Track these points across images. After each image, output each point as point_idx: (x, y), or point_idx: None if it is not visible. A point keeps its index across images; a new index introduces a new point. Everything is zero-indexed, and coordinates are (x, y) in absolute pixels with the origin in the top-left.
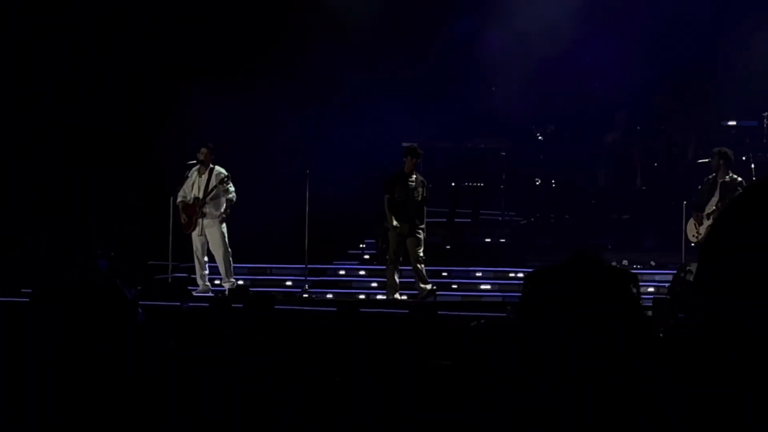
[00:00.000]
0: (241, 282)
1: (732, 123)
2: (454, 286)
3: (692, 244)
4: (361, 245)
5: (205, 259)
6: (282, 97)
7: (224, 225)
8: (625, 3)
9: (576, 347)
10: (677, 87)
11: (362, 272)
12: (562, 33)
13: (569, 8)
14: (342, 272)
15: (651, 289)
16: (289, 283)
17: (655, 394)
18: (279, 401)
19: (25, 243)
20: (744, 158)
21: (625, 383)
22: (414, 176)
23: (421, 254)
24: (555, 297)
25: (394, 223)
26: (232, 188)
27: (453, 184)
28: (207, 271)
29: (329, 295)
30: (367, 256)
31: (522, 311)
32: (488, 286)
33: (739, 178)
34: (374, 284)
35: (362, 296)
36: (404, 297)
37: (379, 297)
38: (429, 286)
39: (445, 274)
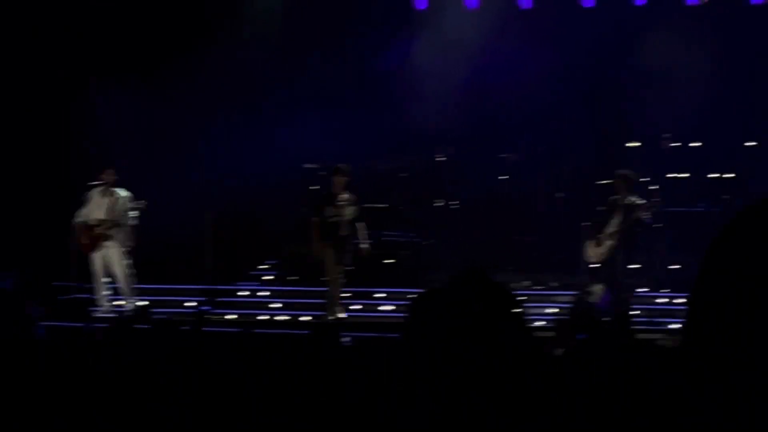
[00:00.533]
0: (144, 302)
1: (634, 144)
2: (357, 307)
3: (592, 266)
4: (262, 266)
5: (107, 279)
6: (186, 117)
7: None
8: (532, 25)
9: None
10: (580, 109)
11: (265, 293)
12: (467, 53)
13: (475, 29)
14: (244, 293)
15: (552, 310)
16: (191, 303)
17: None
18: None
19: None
20: (646, 180)
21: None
22: (344, 195)
23: (343, 275)
24: (436, 318)
25: (316, 245)
26: (134, 213)
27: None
28: (108, 292)
29: (232, 316)
30: (270, 277)
31: (405, 334)
32: (391, 307)
33: (640, 201)
34: (277, 305)
35: (265, 317)
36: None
37: (279, 318)
38: (340, 310)
39: (348, 294)
